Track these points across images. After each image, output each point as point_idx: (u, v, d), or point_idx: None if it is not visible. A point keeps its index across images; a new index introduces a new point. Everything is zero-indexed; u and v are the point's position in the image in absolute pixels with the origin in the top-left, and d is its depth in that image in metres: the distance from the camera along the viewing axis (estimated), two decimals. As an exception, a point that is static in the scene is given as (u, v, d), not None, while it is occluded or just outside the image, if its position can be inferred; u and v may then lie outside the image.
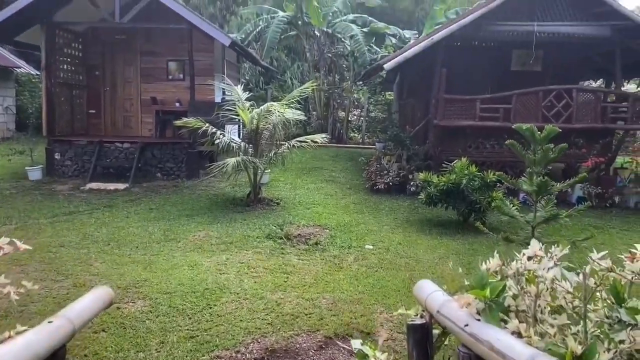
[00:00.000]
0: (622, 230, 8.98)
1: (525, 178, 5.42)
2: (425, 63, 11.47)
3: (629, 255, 1.42)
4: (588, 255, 1.49)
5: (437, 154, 11.23)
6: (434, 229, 8.54)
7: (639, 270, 1.37)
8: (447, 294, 1.64)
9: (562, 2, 10.74)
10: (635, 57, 11.45)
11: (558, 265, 1.53)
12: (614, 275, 1.39)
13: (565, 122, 10.49)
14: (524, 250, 1.62)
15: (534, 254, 1.60)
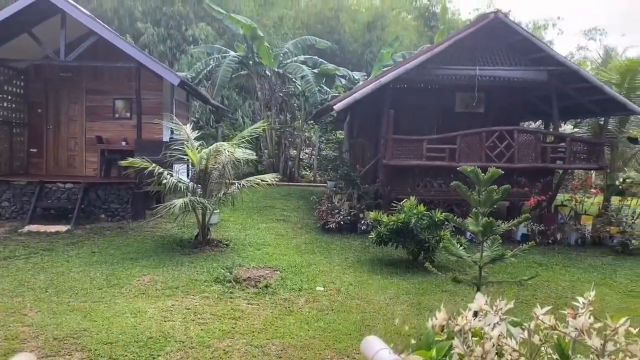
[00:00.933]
0: (565, 267, 9.26)
1: (471, 218, 5.50)
2: (374, 104, 11.71)
3: (571, 311, 1.42)
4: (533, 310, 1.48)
5: (387, 192, 11.36)
6: (384, 269, 8.55)
7: (582, 327, 1.36)
8: (393, 353, 1.60)
9: (501, 47, 11.29)
10: (570, 100, 12.10)
11: (504, 320, 1.51)
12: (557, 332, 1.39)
13: (508, 162, 10.88)
14: (469, 304, 1.60)
15: (480, 308, 1.58)
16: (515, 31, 10.80)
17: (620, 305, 7.15)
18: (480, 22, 10.79)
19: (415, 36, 32.11)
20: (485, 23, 10.63)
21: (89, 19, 10.94)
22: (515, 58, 11.27)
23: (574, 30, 67.85)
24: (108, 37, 10.86)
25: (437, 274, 5.76)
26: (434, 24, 34.13)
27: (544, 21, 37.33)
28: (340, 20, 30.16)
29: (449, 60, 11.11)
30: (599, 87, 10.83)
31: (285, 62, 19.17)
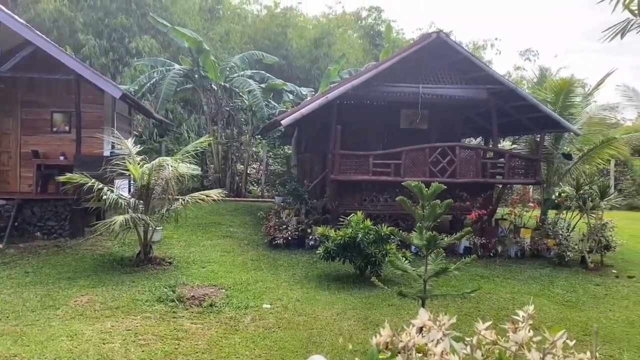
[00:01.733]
0: (506, 279, 9.54)
1: (415, 232, 5.58)
2: (322, 119, 11.79)
3: (511, 325, 1.43)
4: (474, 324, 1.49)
5: (334, 207, 11.40)
6: (332, 284, 8.53)
7: (522, 341, 1.37)
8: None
9: (443, 66, 11.64)
10: (508, 117, 12.59)
11: (447, 335, 1.51)
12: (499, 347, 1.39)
13: (450, 177, 11.16)
14: (413, 320, 1.59)
15: (423, 324, 1.57)
16: (456, 51, 11.18)
17: (558, 316, 7.41)
18: (423, 42, 11.10)
19: (361, 54, 32.70)
20: (428, 42, 10.95)
21: (25, 28, 10.48)
22: (457, 76, 11.65)
23: (511, 50, 71.29)
24: (45, 48, 10.43)
25: (383, 288, 5.79)
26: (378, 42, 34.90)
27: (482, 42, 38.98)
28: (288, 36, 30.32)
29: (393, 78, 11.35)
30: (535, 105, 11.33)
31: (232, 76, 19.04)
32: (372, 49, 34.50)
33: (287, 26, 31.15)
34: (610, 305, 8.16)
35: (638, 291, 9.07)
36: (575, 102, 13.20)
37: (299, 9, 35.07)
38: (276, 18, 31.92)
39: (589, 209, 10.93)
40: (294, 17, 33.34)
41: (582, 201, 10.96)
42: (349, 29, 36.95)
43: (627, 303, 8.32)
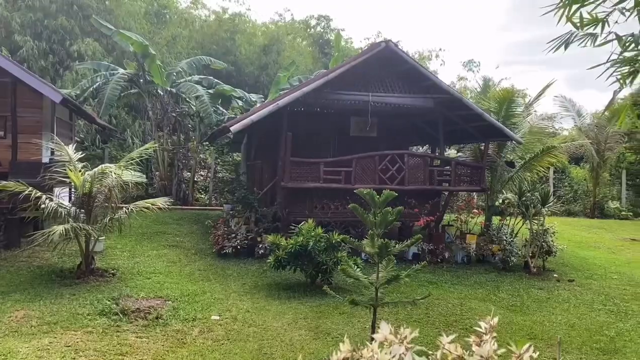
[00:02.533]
0: (453, 284, 9.72)
1: (367, 240, 5.58)
2: (272, 126, 11.68)
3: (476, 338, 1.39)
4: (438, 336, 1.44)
5: (285, 215, 11.29)
6: (282, 293, 8.41)
7: (487, 355, 1.33)
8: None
9: (392, 75, 11.79)
10: (454, 126, 12.90)
11: (409, 350, 1.46)
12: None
13: (399, 184, 11.29)
14: (375, 335, 1.52)
15: (385, 339, 1.51)
16: (405, 60, 11.36)
17: (505, 320, 7.59)
18: (373, 50, 11.22)
19: (311, 61, 32.82)
20: (377, 51, 11.07)
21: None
22: (405, 85, 11.83)
23: (454, 60, 73.63)
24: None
25: (335, 296, 5.75)
26: (327, 50, 35.16)
27: (428, 52, 39.93)
28: (236, 42, 30.04)
29: (344, 86, 11.40)
30: (480, 115, 11.65)
31: (179, 81, 18.63)
32: (322, 57, 34.71)
33: (235, 32, 30.87)
34: (552, 308, 8.44)
35: (578, 294, 9.44)
36: (517, 111, 13.68)
37: (247, 15, 34.88)
38: (224, 24, 31.59)
39: (532, 215, 11.31)
40: (242, 23, 33.09)
41: (525, 207, 11.33)
42: (298, 36, 37.04)
43: (568, 306, 8.63)
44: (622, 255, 13.66)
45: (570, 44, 4.36)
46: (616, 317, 8.13)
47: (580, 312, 8.27)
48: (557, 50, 4.46)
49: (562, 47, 4.35)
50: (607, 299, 9.24)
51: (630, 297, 9.46)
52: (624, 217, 21.14)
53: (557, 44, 4.39)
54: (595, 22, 4.37)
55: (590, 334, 7.17)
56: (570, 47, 4.58)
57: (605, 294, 9.58)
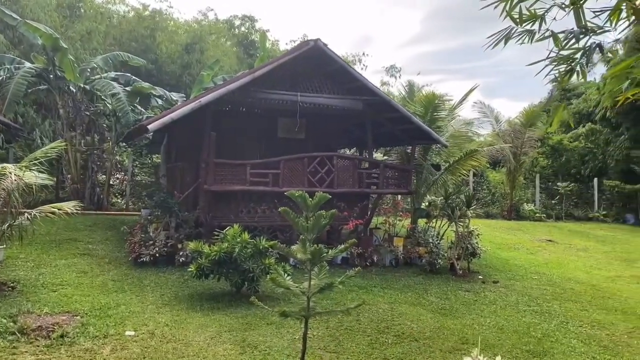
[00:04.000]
0: (383, 289, 9.54)
1: (298, 245, 5.19)
2: (195, 126, 11.04)
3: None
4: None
5: (208, 220, 10.68)
6: (205, 304, 7.84)
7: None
8: None
9: (321, 76, 11.52)
10: (383, 128, 12.82)
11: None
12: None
13: (328, 187, 11.02)
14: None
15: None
16: (334, 60, 11.10)
17: (436, 325, 7.46)
18: (301, 49, 10.88)
19: (235, 62, 32.06)
20: (306, 50, 10.74)
21: None
22: (334, 86, 11.60)
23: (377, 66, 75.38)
24: None
25: (264, 307, 5.30)
26: (253, 52, 34.54)
27: (352, 57, 40.25)
28: (157, 40, 28.75)
29: (271, 85, 10.98)
30: (407, 117, 11.63)
31: (94, 78, 17.38)
32: (247, 58, 34.04)
33: (156, 29, 29.55)
34: (480, 311, 8.45)
35: (503, 296, 9.56)
36: (441, 115, 13.86)
37: (169, 13, 33.53)
38: (144, 20, 30.16)
39: (457, 217, 11.41)
40: (163, 20, 31.75)
41: (451, 210, 11.42)
42: (222, 36, 36.10)
43: (495, 308, 8.68)
44: (540, 256, 14.19)
45: (509, 40, 4.22)
46: (540, 317, 8.25)
47: (507, 314, 8.32)
48: (496, 46, 4.31)
49: (502, 42, 4.20)
50: (530, 299, 9.41)
51: (551, 297, 9.70)
52: (538, 218, 22.17)
53: (496, 39, 4.23)
54: (534, 19, 4.25)
55: (518, 336, 7.19)
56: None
57: (528, 294, 9.77)
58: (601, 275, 12.08)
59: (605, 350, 6.74)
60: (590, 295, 9.98)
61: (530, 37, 4.32)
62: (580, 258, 14.39)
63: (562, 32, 4.05)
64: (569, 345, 6.88)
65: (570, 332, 7.46)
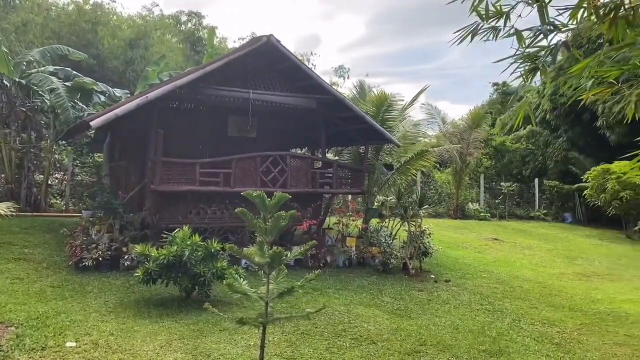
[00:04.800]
0: (338, 290, 9.40)
1: (255, 248, 4.94)
2: (140, 123, 10.55)
3: None
4: None
5: (155, 222, 10.21)
6: (153, 311, 7.43)
7: None
8: None
9: (273, 73, 11.27)
10: (336, 128, 12.71)
11: None
12: None
13: (282, 187, 10.78)
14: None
15: None
16: (287, 57, 10.88)
17: (392, 327, 7.37)
18: (254, 45, 10.58)
19: (182, 58, 31.28)
20: (258, 46, 10.45)
21: None
22: (287, 84, 11.37)
23: (326, 66, 75.67)
24: None
25: (218, 314, 5.02)
26: (200, 48, 33.81)
27: (300, 56, 40.12)
28: (99, 35, 27.65)
29: (222, 82, 10.63)
30: (360, 117, 11.55)
31: (30, 72, 16.37)
32: (194, 54, 33.28)
33: (97, 23, 28.40)
34: (435, 310, 8.44)
35: (456, 295, 9.62)
36: (393, 115, 13.89)
37: (112, 7, 32.31)
38: (85, 14, 28.91)
39: (410, 217, 11.43)
40: (106, 14, 30.58)
41: (404, 209, 11.43)
42: (167, 32, 35.16)
43: (449, 307, 8.71)
44: (488, 255, 14.48)
45: (475, 35, 4.15)
46: (493, 316, 8.33)
47: (461, 313, 8.35)
48: (462, 42, 4.23)
49: (469, 38, 4.12)
50: (482, 298, 9.51)
51: (502, 295, 9.85)
52: (482, 217, 22.73)
53: (463, 35, 4.15)
54: (499, 15, 4.20)
55: (474, 335, 7.20)
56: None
57: (479, 293, 9.88)
58: (546, 273, 12.44)
59: (557, 348, 6.84)
60: (538, 292, 10.20)
61: (495, 34, 4.27)
62: (525, 256, 14.79)
63: (529, 29, 4.01)
64: (523, 343, 6.94)
65: (523, 331, 7.55)
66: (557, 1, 3.96)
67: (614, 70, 4.14)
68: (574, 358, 6.46)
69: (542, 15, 4.04)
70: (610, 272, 12.95)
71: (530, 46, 4.09)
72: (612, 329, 7.75)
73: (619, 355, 6.61)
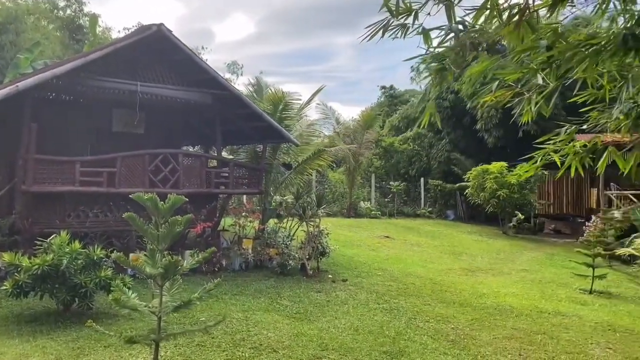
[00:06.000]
0: (234, 295, 8.99)
1: (145, 257, 4.45)
2: (10, 116, 9.36)
3: None
4: None
5: (27, 227, 9.08)
6: (25, 328, 6.57)
7: None
8: None
9: (164, 65, 10.56)
10: (232, 125, 12.22)
11: None
12: None
13: (173, 187, 10.12)
14: None
15: None
16: (180, 49, 10.22)
17: (293, 332, 7.13)
18: (143, 33, 9.81)
19: (60, 47, 28.71)
20: (148, 35, 9.71)
21: None
22: (180, 78, 10.70)
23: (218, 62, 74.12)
24: None
25: (104, 333, 4.46)
26: (80, 37, 31.34)
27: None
28: (-42, 17, 24.53)
29: (107, 72, 9.73)
30: (258, 114, 11.20)
31: None
32: (74, 43, 30.74)
33: (-43, 3, 25.21)
34: (334, 312, 8.35)
35: (353, 294, 9.62)
36: (290, 115, 13.71)
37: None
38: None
39: (308, 217, 11.30)
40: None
41: (302, 210, 11.27)
42: (43, 18, 32.13)
43: (348, 308, 8.66)
44: (381, 252, 14.80)
45: (386, 31, 4.01)
46: (391, 315, 8.40)
47: (359, 313, 8.33)
48: (372, 38, 4.07)
49: (380, 33, 3.97)
50: (378, 296, 9.60)
51: (396, 293, 10.01)
52: (374, 216, 23.33)
53: (373, 30, 3.98)
54: (408, 12, 4.10)
55: (374, 336, 7.17)
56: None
57: (375, 291, 9.97)
58: (435, 269, 12.93)
59: (453, 345, 7.01)
60: (430, 289, 10.52)
61: (404, 31, 4.16)
62: (415, 253, 15.33)
63: (438, 29, 3.95)
64: (421, 342, 7.03)
65: (420, 329, 7.67)
66: (467, 1, 3.92)
67: (514, 73, 4.21)
68: (470, 354, 6.65)
69: (450, 14, 4.00)
70: (492, 267, 13.79)
71: (439, 46, 4.04)
72: (500, 323, 8.14)
73: (508, 349, 6.92)
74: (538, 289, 10.98)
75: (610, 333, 7.87)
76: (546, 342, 7.24)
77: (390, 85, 42.29)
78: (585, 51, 3.43)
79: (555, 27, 3.95)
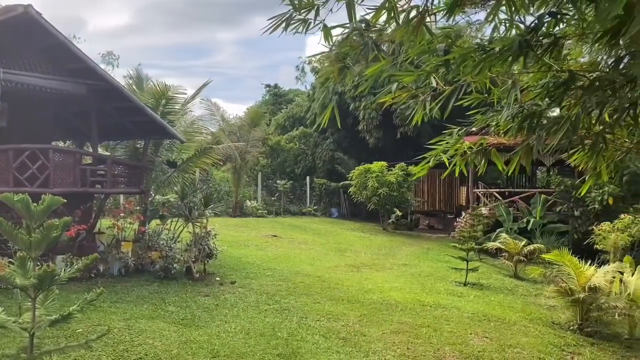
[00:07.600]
0: (114, 303, 8.38)
1: (15, 266, 3.91)
2: None
3: None
4: None
5: None
6: None
7: None
8: None
9: (34, 51, 9.50)
10: (109, 119, 11.36)
11: None
12: None
13: (43, 187, 9.17)
14: None
15: None
16: (51, 34, 9.24)
17: (181, 339, 6.77)
18: (7, 14, 8.73)
19: None
20: (13, 16, 8.64)
21: None
22: (51, 66, 9.70)
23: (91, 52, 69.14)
24: None
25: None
26: None
27: (64, 37, 35.70)
28: None
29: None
30: (140, 108, 10.52)
31: None
32: None
33: None
34: (223, 316, 8.08)
35: (243, 296, 9.39)
36: (175, 109, 13.09)
37: None
38: None
39: (195, 218, 10.85)
40: None
41: (189, 210, 10.79)
42: None
43: (237, 311, 8.42)
44: (269, 252, 14.69)
45: (289, 26, 3.88)
46: (282, 315, 8.31)
47: (250, 316, 8.14)
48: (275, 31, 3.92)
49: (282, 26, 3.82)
50: (268, 297, 9.46)
51: (286, 292, 9.95)
52: (260, 215, 23.19)
53: (276, 23, 3.84)
54: (310, 7, 4.01)
55: (266, 339, 7.03)
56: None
57: (265, 292, 9.82)
58: (323, 266, 13.09)
59: (344, 342, 7.09)
60: (319, 287, 10.60)
61: (306, 26, 4.07)
62: (303, 251, 15.43)
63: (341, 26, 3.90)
64: (314, 342, 7.02)
65: (312, 328, 7.67)
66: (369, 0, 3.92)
67: (408, 75, 4.30)
68: (361, 351, 6.77)
69: (350, 13, 3.98)
70: (375, 263, 14.28)
71: (343, 44, 4.00)
72: (387, 318, 8.40)
73: (397, 343, 7.15)
74: (418, 283, 11.54)
75: (486, 322, 8.47)
76: (430, 335, 7.59)
77: (275, 84, 42.43)
78: (481, 56, 3.57)
79: (449, 31, 4.10)
